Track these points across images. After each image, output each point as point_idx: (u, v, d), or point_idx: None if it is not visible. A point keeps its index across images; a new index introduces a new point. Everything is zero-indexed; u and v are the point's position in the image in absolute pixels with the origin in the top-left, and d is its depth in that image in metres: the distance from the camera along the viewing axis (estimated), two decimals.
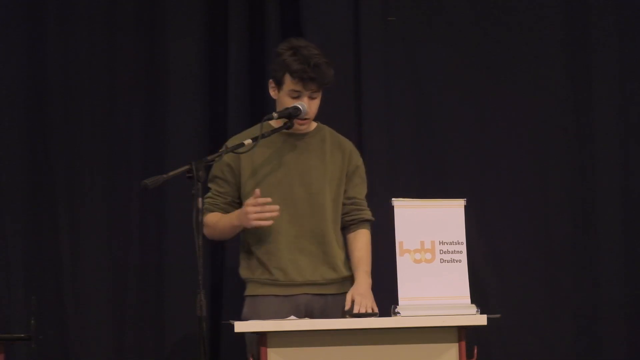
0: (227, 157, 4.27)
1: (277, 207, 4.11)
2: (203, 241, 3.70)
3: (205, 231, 4.27)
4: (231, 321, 3.88)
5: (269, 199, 4.10)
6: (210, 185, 4.35)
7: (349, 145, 4.42)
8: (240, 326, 3.79)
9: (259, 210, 4.09)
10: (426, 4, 5.24)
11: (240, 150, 4.10)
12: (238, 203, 4.29)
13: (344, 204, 4.35)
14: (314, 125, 4.37)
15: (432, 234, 3.84)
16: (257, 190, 4.12)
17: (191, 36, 5.19)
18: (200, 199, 3.70)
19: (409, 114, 5.21)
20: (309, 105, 4.23)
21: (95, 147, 5.15)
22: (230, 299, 5.04)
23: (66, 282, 5.06)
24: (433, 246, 3.83)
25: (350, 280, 4.30)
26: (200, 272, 3.64)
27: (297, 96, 4.22)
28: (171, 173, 3.82)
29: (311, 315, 4.19)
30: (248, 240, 4.31)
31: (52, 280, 5.08)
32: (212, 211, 4.30)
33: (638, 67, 5.23)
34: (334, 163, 4.33)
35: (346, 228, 4.37)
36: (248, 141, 4.10)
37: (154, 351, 5.08)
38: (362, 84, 5.14)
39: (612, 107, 5.21)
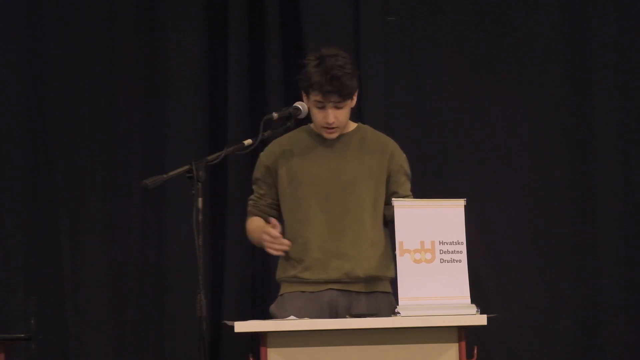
0: (265, 159, 4.31)
1: (288, 242, 4.13)
2: (203, 241, 3.70)
3: (248, 235, 4.37)
4: (227, 322, 3.88)
5: (278, 235, 4.12)
6: (253, 187, 4.37)
7: (391, 144, 4.38)
8: (240, 326, 3.79)
9: (271, 241, 4.12)
10: (426, 4, 5.24)
11: (240, 150, 4.10)
12: (277, 204, 4.32)
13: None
14: (353, 125, 4.36)
15: (432, 234, 3.83)
16: (273, 220, 4.16)
17: (191, 36, 5.19)
18: (200, 199, 3.70)
19: (409, 114, 5.21)
20: (335, 115, 4.21)
21: (95, 147, 5.15)
22: (230, 299, 5.05)
23: (66, 282, 5.07)
24: (433, 246, 3.83)
25: (378, 280, 4.29)
26: (200, 272, 3.64)
27: (321, 107, 4.22)
28: (171, 173, 3.82)
29: (335, 312, 4.20)
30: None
31: (52, 280, 5.08)
32: (253, 214, 4.34)
33: (638, 67, 5.23)
34: (373, 163, 4.30)
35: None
36: (248, 141, 4.10)
37: (153, 351, 5.09)
38: (362, 84, 5.13)
39: (612, 107, 5.21)
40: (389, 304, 4.28)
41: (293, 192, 4.27)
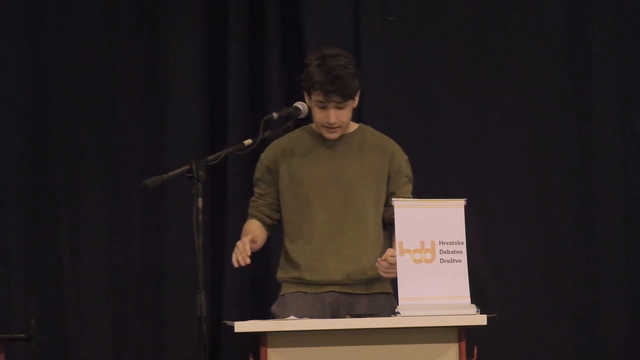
0: (265, 158, 4.32)
1: (248, 261, 4.05)
2: (203, 241, 3.70)
3: None
4: (227, 322, 3.88)
5: (246, 249, 4.05)
6: (254, 189, 4.36)
7: (391, 145, 4.38)
8: (240, 326, 3.79)
9: (237, 252, 4.05)
10: (426, 4, 5.25)
11: (240, 150, 4.10)
12: (277, 204, 4.32)
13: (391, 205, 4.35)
14: (355, 126, 4.36)
15: (432, 234, 3.83)
16: (254, 236, 4.13)
17: (191, 36, 5.20)
18: (200, 199, 3.70)
19: (409, 113, 5.21)
20: (336, 115, 4.21)
21: (95, 147, 5.15)
22: (230, 299, 5.05)
23: (66, 282, 5.07)
24: (433, 246, 3.83)
25: (379, 281, 4.28)
26: (200, 272, 3.64)
27: (323, 106, 4.21)
28: (171, 173, 3.82)
29: (337, 313, 4.20)
30: (286, 241, 4.32)
31: (52, 280, 5.08)
32: (252, 215, 4.34)
33: (638, 67, 5.23)
34: (373, 164, 4.30)
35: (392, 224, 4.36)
36: (248, 141, 4.10)
37: (154, 351, 5.09)
38: (362, 84, 5.12)
39: (612, 107, 5.21)
40: (389, 304, 4.28)
41: (294, 193, 4.27)
